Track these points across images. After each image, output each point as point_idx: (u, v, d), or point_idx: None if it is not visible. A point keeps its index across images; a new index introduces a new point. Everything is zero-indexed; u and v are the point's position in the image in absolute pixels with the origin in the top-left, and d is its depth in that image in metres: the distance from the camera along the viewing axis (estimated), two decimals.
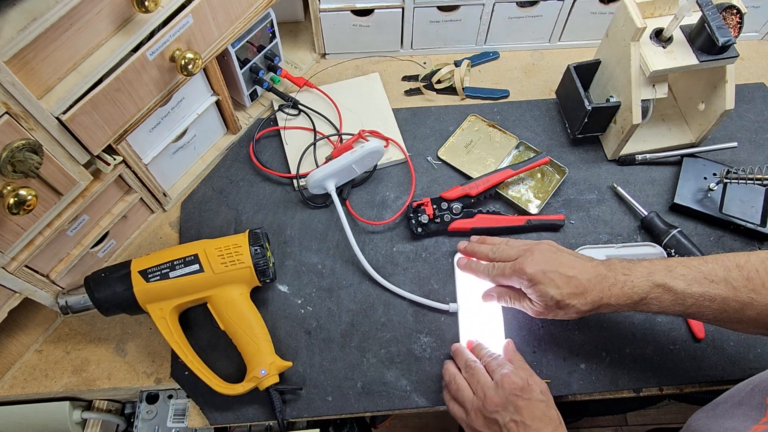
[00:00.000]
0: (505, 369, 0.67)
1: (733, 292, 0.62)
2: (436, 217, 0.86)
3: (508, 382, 0.65)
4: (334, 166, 0.84)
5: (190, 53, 0.67)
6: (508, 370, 0.67)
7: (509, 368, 0.67)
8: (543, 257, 0.69)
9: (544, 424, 0.62)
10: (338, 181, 0.86)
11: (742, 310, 0.62)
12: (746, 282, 0.62)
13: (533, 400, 0.64)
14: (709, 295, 0.63)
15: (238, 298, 0.75)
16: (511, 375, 0.66)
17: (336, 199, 0.84)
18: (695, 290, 0.63)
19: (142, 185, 0.81)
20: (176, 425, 0.79)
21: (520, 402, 0.63)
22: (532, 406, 0.63)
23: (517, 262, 0.70)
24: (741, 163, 0.93)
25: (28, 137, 0.56)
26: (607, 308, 0.67)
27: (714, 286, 0.63)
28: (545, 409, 0.64)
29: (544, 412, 0.64)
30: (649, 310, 0.66)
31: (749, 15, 0.90)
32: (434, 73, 1.01)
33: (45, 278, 0.74)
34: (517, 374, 0.66)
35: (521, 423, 0.62)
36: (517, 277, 0.70)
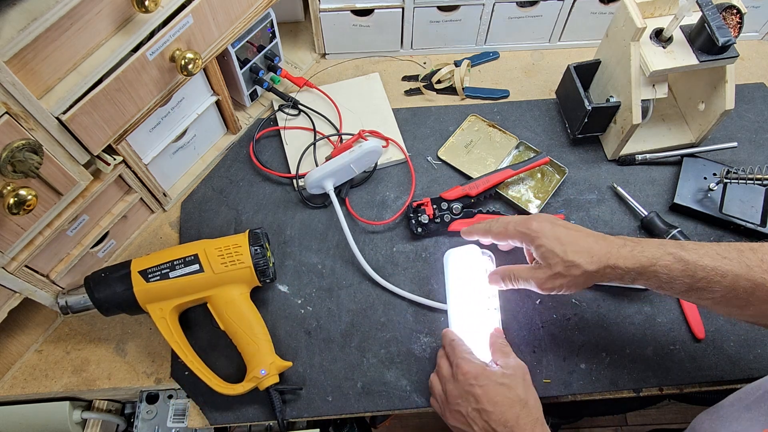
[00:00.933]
0: (460, 359, 0.66)
1: (746, 270, 0.60)
2: (436, 217, 0.86)
3: (462, 372, 0.64)
4: (331, 166, 0.84)
5: (190, 53, 0.67)
6: (462, 359, 0.65)
7: (465, 358, 0.66)
8: (548, 218, 0.68)
9: (507, 408, 0.61)
10: (336, 181, 0.86)
11: (753, 290, 0.60)
12: (760, 263, 0.60)
13: (490, 385, 0.63)
14: (721, 270, 0.61)
15: (238, 298, 0.75)
16: (463, 364, 0.65)
17: (334, 198, 0.84)
18: (707, 263, 0.61)
19: (142, 185, 0.81)
20: (176, 425, 0.79)
21: (477, 390, 0.63)
22: (491, 390, 0.62)
23: (521, 218, 0.70)
24: (741, 163, 0.93)
25: (28, 137, 0.56)
26: (613, 271, 0.64)
27: (727, 262, 0.61)
28: (506, 392, 0.62)
29: (505, 395, 0.62)
30: (657, 281, 0.63)
31: (749, 15, 0.90)
32: (434, 73, 1.01)
33: (45, 278, 0.74)
34: (469, 362, 0.65)
35: (483, 410, 0.62)
36: (520, 232, 0.68)
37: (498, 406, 0.61)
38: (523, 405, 0.62)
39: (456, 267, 0.78)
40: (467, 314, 0.75)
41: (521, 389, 0.63)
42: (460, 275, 0.78)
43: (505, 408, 0.61)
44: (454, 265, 0.79)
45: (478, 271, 0.77)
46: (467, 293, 0.76)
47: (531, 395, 0.64)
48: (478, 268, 0.77)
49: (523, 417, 0.61)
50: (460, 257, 0.78)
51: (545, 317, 0.81)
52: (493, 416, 0.61)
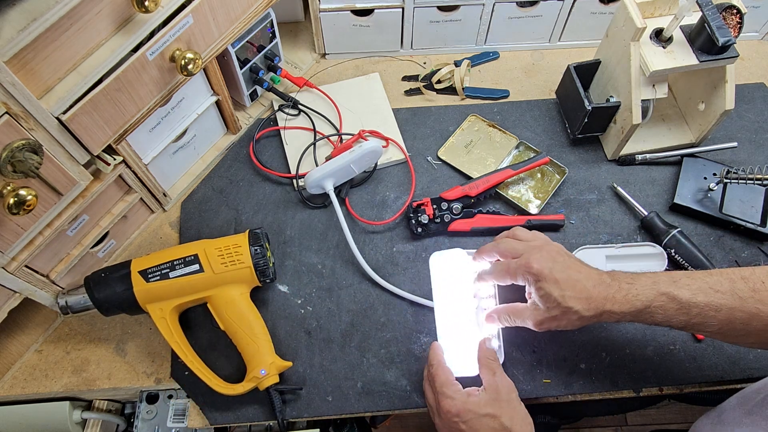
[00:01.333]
0: (440, 394, 0.66)
1: (739, 302, 0.61)
2: (436, 217, 0.86)
3: (444, 411, 0.65)
4: (331, 166, 0.84)
5: (190, 53, 0.67)
6: (441, 394, 0.66)
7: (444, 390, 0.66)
8: (550, 256, 0.68)
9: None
10: (336, 181, 0.86)
11: (749, 321, 0.62)
12: (752, 293, 0.61)
13: (474, 419, 0.64)
14: (715, 305, 0.62)
15: (238, 298, 0.75)
16: (443, 402, 0.65)
17: (334, 198, 0.84)
18: (700, 299, 0.62)
19: (142, 185, 0.81)
20: (176, 425, 0.79)
21: (461, 426, 0.64)
22: (475, 425, 0.63)
23: (523, 258, 0.69)
24: (741, 163, 0.93)
25: (28, 137, 0.56)
26: (610, 316, 0.65)
27: (720, 296, 0.62)
28: (490, 422, 0.64)
29: (490, 426, 0.63)
30: (652, 320, 0.65)
31: (749, 15, 0.91)
32: (434, 73, 1.01)
33: (45, 278, 0.74)
34: (449, 399, 0.65)
35: None
36: (522, 272, 0.68)
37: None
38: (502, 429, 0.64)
39: (441, 270, 0.78)
40: (454, 320, 0.75)
41: (507, 416, 0.64)
42: (445, 279, 0.77)
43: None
44: (439, 269, 0.78)
45: (465, 274, 0.76)
46: (453, 297, 0.76)
47: (517, 419, 0.65)
48: (464, 271, 0.77)
49: None
50: (445, 260, 0.78)
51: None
52: None
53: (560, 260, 0.68)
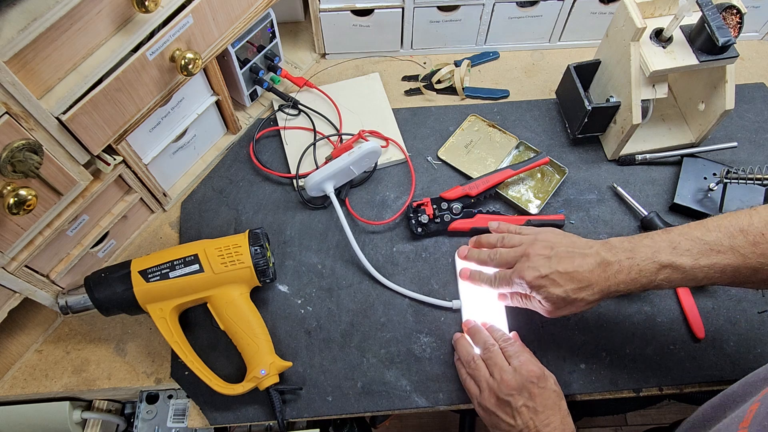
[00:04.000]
0: (523, 356, 0.69)
1: (742, 260, 0.61)
2: (436, 217, 0.86)
3: (526, 369, 0.67)
4: (331, 169, 0.84)
5: (190, 53, 0.67)
6: (525, 357, 0.69)
7: (527, 356, 0.69)
8: (539, 261, 0.68)
9: (553, 413, 0.65)
10: (336, 183, 0.86)
11: (754, 274, 0.61)
12: (753, 247, 0.61)
13: (547, 389, 0.66)
14: (719, 266, 0.62)
15: (238, 298, 0.75)
16: (529, 363, 0.68)
17: (335, 201, 0.84)
18: (703, 263, 0.62)
19: (142, 185, 0.81)
20: (176, 425, 0.79)
21: (535, 389, 0.65)
22: (546, 394, 0.65)
23: (516, 270, 0.70)
24: (741, 163, 0.93)
25: (28, 137, 0.56)
26: (617, 294, 0.66)
27: (722, 257, 0.62)
28: (556, 399, 0.66)
29: (555, 402, 0.66)
30: (660, 288, 0.65)
31: (749, 15, 0.91)
32: (434, 73, 1.01)
33: (45, 278, 0.74)
34: (534, 362, 0.68)
35: (533, 409, 0.64)
36: (518, 284, 0.70)
37: (548, 409, 0.65)
38: (565, 415, 0.66)
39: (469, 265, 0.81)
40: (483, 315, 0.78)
41: (564, 401, 0.68)
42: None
43: (552, 413, 0.65)
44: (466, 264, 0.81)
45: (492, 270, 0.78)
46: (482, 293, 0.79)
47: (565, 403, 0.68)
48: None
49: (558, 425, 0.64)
50: None
51: (545, 317, 0.81)
52: (541, 417, 0.64)
53: (549, 259, 0.67)
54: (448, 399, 0.76)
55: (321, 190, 0.85)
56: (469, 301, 0.80)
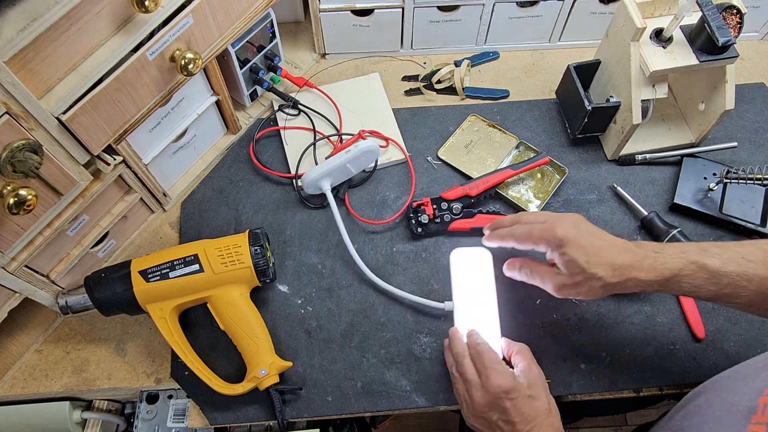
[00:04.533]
0: (491, 367, 0.64)
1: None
2: (436, 217, 0.86)
3: (492, 384, 0.63)
4: (327, 166, 0.84)
5: (190, 53, 0.67)
6: (493, 368, 0.64)
7: (495, 366, 0.65)
8: (574, 222, 0.66)
9: (532, 418, 0.62)
10: (334, 181, 0.86)
11: None
12: None
13: (520, 398, 0.63)
14: (747, 275, 0.59)
15: (238, 298, 0.75)
16: (494, 376, 0.63)
17: (331, 198, 0.84)
18: (731, 269, 0.60)
19: (142, 185, 0.81)
20: (176, 425, 0.79)
21: (506, 403, 0.62)
22: (519, 403, 0.62)
23: (547, 223, 0.67)
24: (741, 163, 0.93)
25: (28, 137, 0.56)
26: (636, 284, 0.63)
27: (752, 266, 0.60)
28: (532, 403, 0.63)
29: (532, 406, 0.63)
30: (680, 289, 0.63)
31: (749, 15, 0.91)
32: (434, 73, 1.01)
33: (45, 278, 0.74)
34: (501, 374, 0.64)
35: (510, 422, 0.62)
36: (546, 239, 0.66)
37: (525, 417, 0.62)
38: (547, 414, 0.63)
39: (462, 267, 0.79)
40: (475, 319, 0.75)
41: (544, 398, 0.64)
42: (466, 276, 0.78)
43: (530, 418, 0.62)
44: (459, 266, 0.79)
45: (487, 273, 0.78)
46: (474, 296, 0.77)
47: (552, 403, 0.65)
48: (486, 270, 0.78)
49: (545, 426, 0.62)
50: (468, 258, 0.79)
51: (545, 317, 0.81)
52: (519, 426, 0.62)
53: (584, 228, 0.66)
54: (448, 399, 0.76)
55: (318, 188, 0.85)
56: (463, 303, 0.77)
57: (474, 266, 0.79)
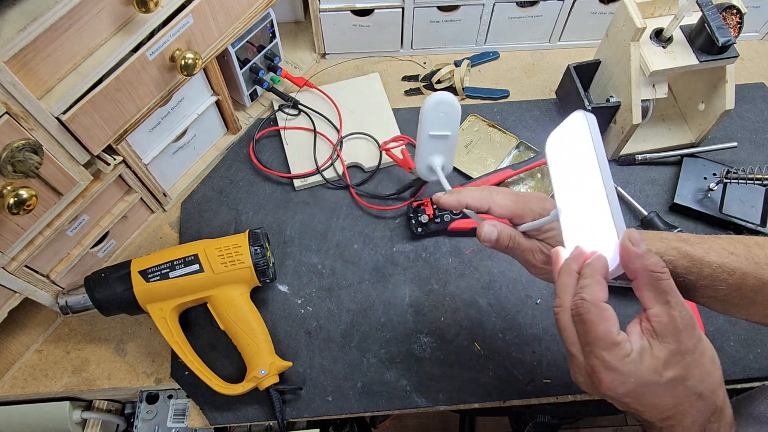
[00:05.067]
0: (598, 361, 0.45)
1: (754, 267, 0.55)
2: (436, 217, 0.86)
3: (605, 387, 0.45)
4: (423, 147, 0.73)
5: (190, 53, 0.67)
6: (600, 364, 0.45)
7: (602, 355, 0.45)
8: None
9: (670, 407, 0.45)
10: (440, 157, 0.74)
11: (760, 289, 0.56)
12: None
13: (650, 393, 0.45)
14: (729, 268, 0.55)
15: (238, 298, 0.75)
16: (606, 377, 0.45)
17: (441, 174, 0.73)
18: (714, 259, 0.55)
19: (142, 185, 0.81)
20: (176, 425, 0.79)
21: (626, 400, 0.46)
22: (653, 399, 0.45)
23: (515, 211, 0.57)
24: (741, 163, 0.93)
25: (28, 137, 0.56)
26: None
27: (734, 258, 0.55)
28: (672, 391, 0.45)
29: (668, 394, 0.45)
30: None
31: (749, 15, 0.90)
32: (434, 73, 1.01)
33: (45, 278, 0.74)
34: (616, 374, 0.44)
35: (631, 408, 0.47)
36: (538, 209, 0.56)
37: (656, 408, 0.46)
38: (696, 399, 0.45)
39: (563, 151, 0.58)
40: (585, 217, 0.51)
41: (696, 376, 0.45)
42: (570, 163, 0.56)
43: (666, 408, 0.45)
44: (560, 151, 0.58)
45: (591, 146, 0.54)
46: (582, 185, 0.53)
47: (709, 377, 0.46)
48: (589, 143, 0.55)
49: (690, 414, 0.46)
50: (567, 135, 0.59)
51: (545, 317, 0.81)
52: (646, 415, 0.47)
53: None
54: (448, 399, 0.76)
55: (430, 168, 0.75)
56: (569, 205, 0.53)
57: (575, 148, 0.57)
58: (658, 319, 0.45)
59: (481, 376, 0.77)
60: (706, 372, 0.46)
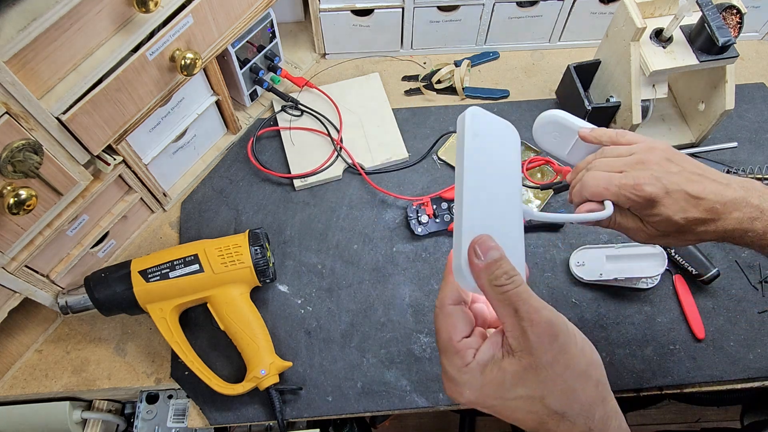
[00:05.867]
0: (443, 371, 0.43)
1: None
2: (436, 217, 0.86)
3: (452, 395, 0.43)
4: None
5: (190, 53, 0.67)
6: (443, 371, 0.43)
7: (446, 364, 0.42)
8: (662, 169, 0.53)
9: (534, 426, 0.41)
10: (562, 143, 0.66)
11: None
12: None
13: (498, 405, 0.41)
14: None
15: (238, 298, 0.75)
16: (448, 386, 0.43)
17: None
18: None
19: (142, 185, 0.81)
20: (176, 425, 0.79)
21: (484, 410, 0.42)
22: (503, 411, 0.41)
23: (629, 177, 0.52)
24: (741, 163, 0.93)
25: (28, 137, 0.56)
26: (739, 241, 0.54)
27: None
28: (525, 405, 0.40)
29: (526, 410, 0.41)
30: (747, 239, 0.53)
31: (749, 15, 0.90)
32: (434, 73, 1.01)
33: (45, 278, 0.74)
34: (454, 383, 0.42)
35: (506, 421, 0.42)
36: (629, 198, 0.52)
37: (522, 423, 0.42)
38: (559, 419, 0.40)
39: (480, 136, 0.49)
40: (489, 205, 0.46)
41: (550, 393, 0.40)
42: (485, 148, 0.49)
43: (532, 426, 0.41)
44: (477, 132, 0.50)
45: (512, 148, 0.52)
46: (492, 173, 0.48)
47: (571, 386, 0.40)
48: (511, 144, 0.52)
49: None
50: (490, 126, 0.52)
51: None
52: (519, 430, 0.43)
53: (675, 171, 0.53)
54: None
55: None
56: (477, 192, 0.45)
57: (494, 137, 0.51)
58: (511, 333, 0.40)
59: None
60: (568, 389, 0.39)
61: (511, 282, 0.40)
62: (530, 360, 0.39)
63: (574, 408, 0.40)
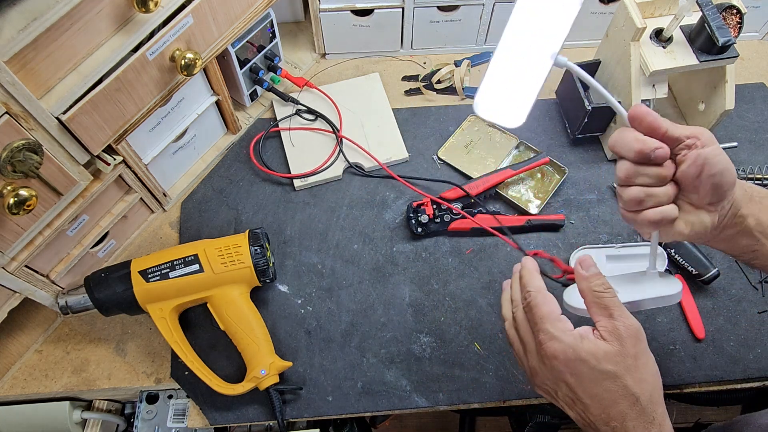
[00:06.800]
0: (543, 332, 0.50)
1: None
2: (436, 217, 0.86)
3: (547, 354, 0.50)
4: None
5: (190, 53, 0.67)
6: (545, 333, 0.50)
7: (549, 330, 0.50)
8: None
9: (609, 404, 0.48)
10: None
11: None
12: None
13: (587, 374, 0.48)
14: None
15: (238, 298, 0.75)
16: (549, 345, 0.49)
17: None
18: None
19: (142, 185, 0.81)
20: (176, 425, 0.79)
21: (569, 378, 0.49)
22: (587, 382, 0.48)
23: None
24: (741, 163, 0.93)
25: (28, 137, 0.56)
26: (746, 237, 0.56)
27: None
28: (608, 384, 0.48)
29: (607, 388, 0.48)
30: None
31: (749, 15, 0.90)
32: (434, 73, 1.01)
33: (45, 278, 0.74)
34: (556, 341, 0.49)
35: (578, 401, 0.50)
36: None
37: (597, 400, 0.48)
38: (633, 402, 0.48)
39: None
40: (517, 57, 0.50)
41: (633, 378, 0.48)
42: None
43: (606, 404, 0.48)
44: None
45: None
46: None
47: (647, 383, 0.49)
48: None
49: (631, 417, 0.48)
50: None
51: None
52: (592, 410, 0.49)
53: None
54: (448, 399, 0.76)
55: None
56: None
57: None
58: (604, 327, 0.50)
59: (481, 376, 0.77)
60: (644, 379, 0.49)
61: (608, 292, 0.51)
62: (620, 348, 0.48)
63: (645, 395, 0.48)
